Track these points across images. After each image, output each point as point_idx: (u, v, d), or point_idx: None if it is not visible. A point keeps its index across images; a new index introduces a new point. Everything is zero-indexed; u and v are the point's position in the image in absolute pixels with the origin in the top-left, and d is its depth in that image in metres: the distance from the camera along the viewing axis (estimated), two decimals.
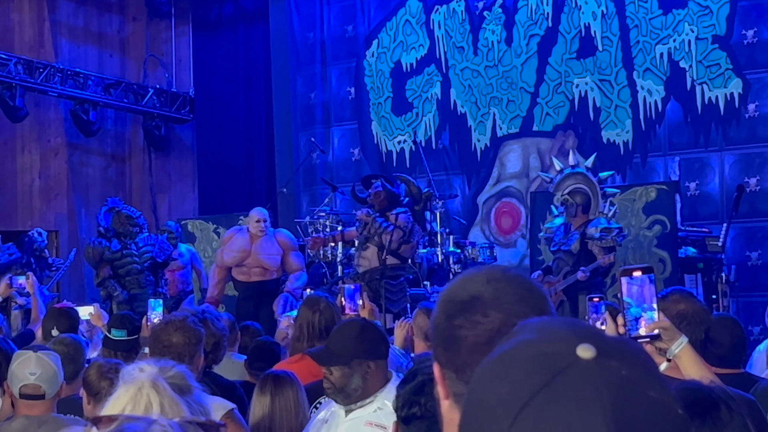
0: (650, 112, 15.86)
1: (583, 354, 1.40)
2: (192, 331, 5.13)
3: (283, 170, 18.77)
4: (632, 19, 16.04)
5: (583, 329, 1.46)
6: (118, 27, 20.83)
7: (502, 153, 17.03)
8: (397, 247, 12.10)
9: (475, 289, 2.04)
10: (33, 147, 19.30)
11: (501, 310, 2.01)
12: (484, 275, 2.08)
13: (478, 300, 2.03)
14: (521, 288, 2.06)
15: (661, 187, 13.37)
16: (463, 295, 2.04)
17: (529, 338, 1.46)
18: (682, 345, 3.75)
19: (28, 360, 5.05)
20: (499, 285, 2.05)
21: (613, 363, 1.40)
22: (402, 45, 18.02)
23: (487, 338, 1.98)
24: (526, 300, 2.04)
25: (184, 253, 14.97)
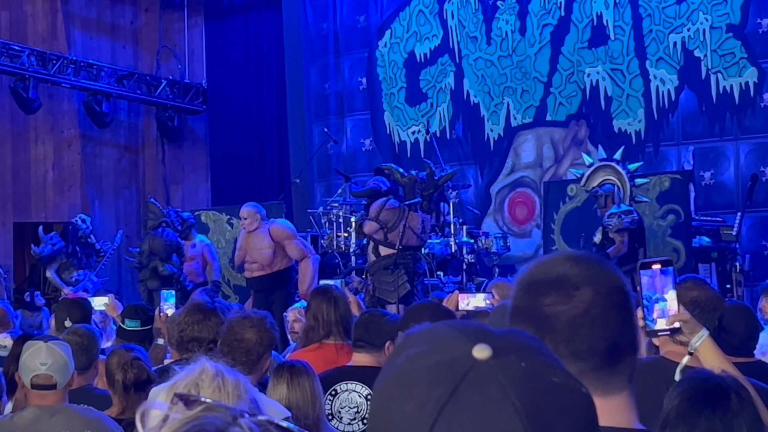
0: (663, 102, 15.81)
1: (479, 355, 1.39)
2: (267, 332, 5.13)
3: (296, 161, 18.77)
4: (645, 8, 15.98)
5: (472, 329, 1.45)
6: (131, 18, 20.83)
7: (516, 143, 17.00)
8: (384, 238, 12.08)
9: (562, 268, 2.12)
10: (46, 138, 19.32)
11: (591, 283, 2.09)
12: (564, 256, 2.17)
13: (566, 277, 2.10)
14: (603, 265, 2.16)
15: (675, 177, 13.32)
16: (548, 275, 2.11)
17: (421, 350, 1.43)
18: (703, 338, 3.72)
19: (38, 350, 5.04)
20: (581, 262, 2.13)
21: (511, 357, 1.40)
22: (415, 35, 18.00)
23: (583, 311, 2.07)
24: (609, 275, 2.13)
25: (196, 244, 14.89)
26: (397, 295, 11.66)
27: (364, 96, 18.48)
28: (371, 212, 12.22)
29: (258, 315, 5.25)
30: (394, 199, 12.26)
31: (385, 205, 12.10)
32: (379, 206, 12.12)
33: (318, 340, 6.50)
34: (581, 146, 16.36)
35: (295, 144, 19.13)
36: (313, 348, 6.50)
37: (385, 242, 12.08)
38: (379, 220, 12.05)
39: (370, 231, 12.14)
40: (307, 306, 6.70)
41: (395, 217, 12.03)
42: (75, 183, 19.49)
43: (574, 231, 13.41)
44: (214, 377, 2.62)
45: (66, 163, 19.43)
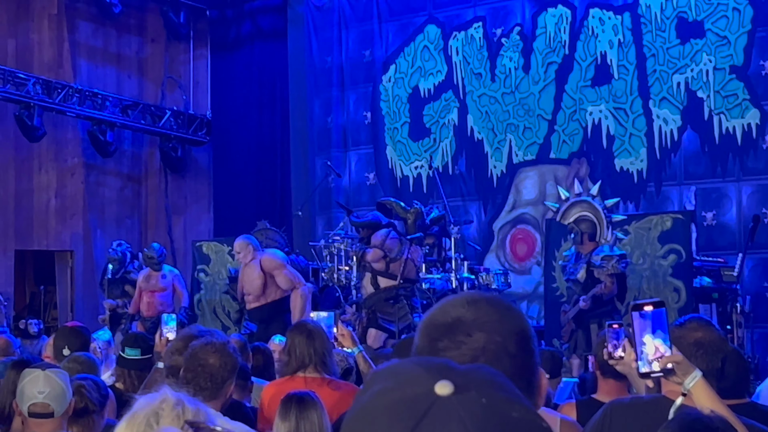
0: (666, 141, 15.85)
1: (441, 391, 1.41)
2: (230, 356, 5.12)
3: (298, 193, 18.79)
4: (649, 48, 16.05)
5: (435, 366, 1.48)
6: (137, 48, 20.91)
7: (518, 180, 17.03)
8: (385, 268, 12.08)
9: (457, 312, 2.05)
10: (50, 167, 19.36)
11: (483, 329, 2.02)
12: (464, 299, 2.09)
13: (460, 321, 2.03)
14: (501, 308, 2.08)
15: (677, 217, 13.33)
16: (445, 319, 2.05)
17: (385, 386, 1.46)
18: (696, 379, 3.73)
19: (36, 378, 5.03)
20: (480, 306, 2.06)
21: (473, 393, 1.42)
22: (420, 70, 18.05)
23: (471, 357, 2.00)
24: (507, 319, 2.06)
25: (166, 275, 15.15)
26: (398, 327, 11.67)
27: (367, 130, 18.51)
28: (374, 241, 12.24)
29: (221, 340, 5.25)
30: (395, 233, 12.28)
31: (389, 236, 12.13)
32: (383, 236, 12.16)
33: (291, 373, 6.54)
34: (582, 184, 16.37)
35: (297, 176, 19.16)
36: (282, 381, 6.56)
37: (386, 273, 12.09)
38: (383, 247, 12.07)
39: (374, 258, 12.14)
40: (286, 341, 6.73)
41: (398, 248, 12.06)
42: (77, 211, 19.52)
43: None
44: (174, 406, 2.62)
45: (69, 192, 19.46)
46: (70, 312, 19.04)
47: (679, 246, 12.94)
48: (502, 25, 17.34)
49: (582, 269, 12.08)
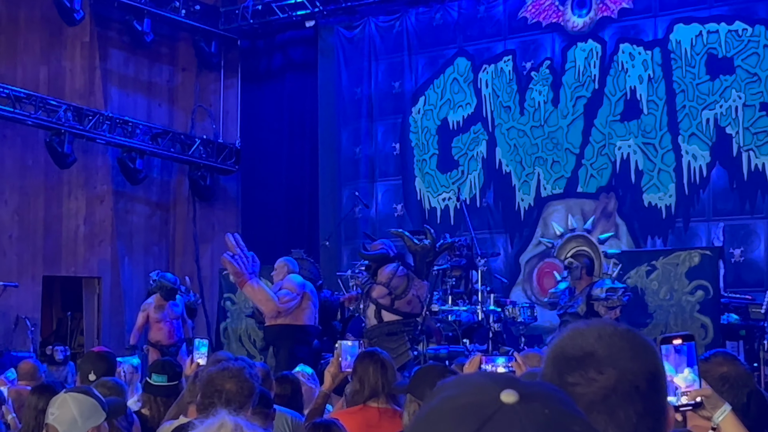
0: (694, 177, 15.82)
1: (506, 399, 1.44)
2: (246, 381, 5.12)
3: (326, 223, 18.82)
4: (679, 84, 16.04)
5: (502, 377, 1.51)
6: (168, 77, 21.03)
7: (545, 213, 17.01)
8: (390, 303, 12.06)
9: (588, 345, 2.04)
10: (79, 193, 19.45)
11: (616, 367, 2.01)
12: (596, 331, 2.07)
13: (592, 357, 2.02)
14: (634, 344, 2.06)
15: (705, 253, 13.28)
16: (575, 351, 2.05)
17: (452, 393, 1.49)
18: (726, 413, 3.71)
19: (56, 400, 5.09)
20: (613, 340, 2.05)
21: (536, 404, 1.45)
22: (449, 103, 18.09)
23: (603, 396, 1.99)
24: (640, 356, 2.04)
25: (178, 303, 15.27)
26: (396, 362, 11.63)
27: (396, 161, 18.55)
28: (382, 277, 12.18)
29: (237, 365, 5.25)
30: (403, 268, 12.24)
31: (397, 272, 12.09)
32: (391, 272, 12.10)
33: (362, 402, 6.52)
34: (610, 219, 16.37)
35: (325, 206, 19.19)
36: (356, 410, 6.52)
37: (390, 308, 12.06)
38: (389, 286, 12.04)
39: (379, 295, 12.12)
40: (354, 368, 6.71)
41: (404, 284, 12.03)
42: (105, 238, 19.60)
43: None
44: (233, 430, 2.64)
45: (97, 219, 19.54)
46: (96, 338, 19.09)
47: (706, 282, 12.89)
48: (531, 59, 17.38)
49: (582, 303, 12.10)
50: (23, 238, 18.95)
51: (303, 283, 13.22)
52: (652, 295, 12.96)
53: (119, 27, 19.79)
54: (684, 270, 13.02)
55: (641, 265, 13.14)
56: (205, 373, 5.24)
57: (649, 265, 13.12)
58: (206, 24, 20.38)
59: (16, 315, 18.11)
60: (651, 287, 13.00)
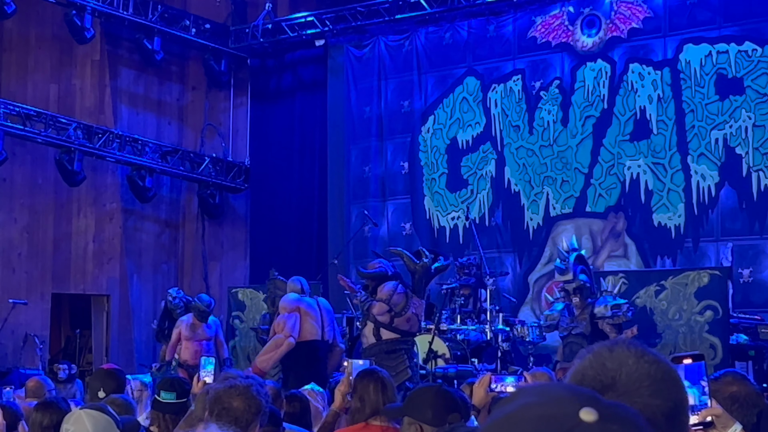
0: (703, 197, 15.81)
1: (586, 417, 1.44)
2: (254, 399, 5.10)
3: (334, 241, 18.83)
4: (688, 104, 16.05)
5: (584, 393, 1.50)
6: (178, 95, 21.08)
7: (554, 233, 17.00)
8: (390, 321, 12.03)
9: (608, 377, 1.99)
10: (89, 211, 19.49)
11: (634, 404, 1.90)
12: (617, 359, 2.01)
13: (610, 390, 1.97)
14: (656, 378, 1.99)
15: (714, 273, 13.26)
16: (595, 384, 1.98)
17: (531, 401, 1.49)
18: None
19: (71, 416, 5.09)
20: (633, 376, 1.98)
21: (614, 427, 1.44)
22: (458, 122, 18.10)
23: None
24: (662, 392, 1.97)
25: (211, 325, 15.23)
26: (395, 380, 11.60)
27: (405, 180, 18.55)
28: (382, 294, 12.15)
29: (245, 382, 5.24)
30: (402, 286, 12.22)
31: (397, 290, 12.07)
32: (391, 289, 12.08)
33: (363, 420, 6.51)
34: (619, 238, 16.36)
35: (333, 225, 19.20)
36: (358, 428, 6.51)
37: (389, 326, 12.03)
38: (390, 303, 12.02)
39: (379, 312, 12.09)
40: (354, 387, 6.69)
41: (404, 302, 12.01)
42: (114, 256, 19.63)
43: None
44: None
45: (107, 236, 19.58)
46: (105, 356, 19.10)
47: (715, 302, 12.87)
48: (541, 78, 17.40)
49: (587, 322, 12.09)
50: (33, 255, 18.99)
51: (297, 299, 13.13)
52: (661, 315, 12.94)
53: (129, 45, 19.86)
54: (693, 290, 12.99)
55: (650, 284, 13.11)
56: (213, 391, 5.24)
57: (658, 285, 13.10)
58: (216, 43, 20.44)
59: (25, 332, 18.14)
60: (660, 307, 12.98)
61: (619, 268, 15.45)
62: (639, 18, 16.63)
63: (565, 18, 17.24)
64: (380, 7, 18.76)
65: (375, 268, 12.49)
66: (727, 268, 14.11)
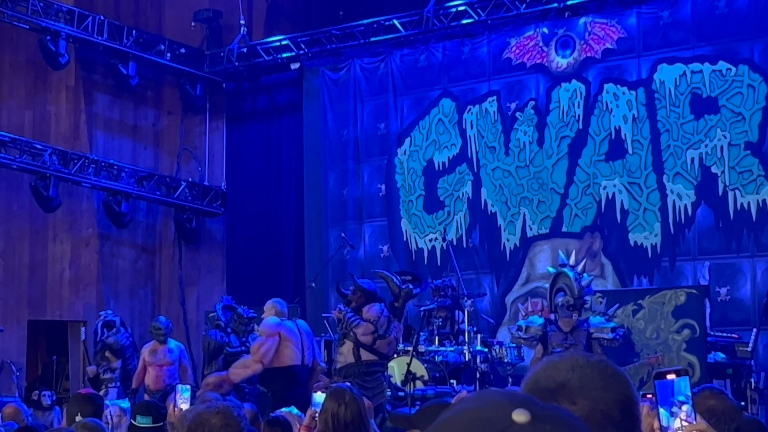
0: (680, 217, 15.85)
1: (518, 418, 1.46)
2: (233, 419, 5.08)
3: (312, 265, 18.80)
4: (663, 124, 16.10)
5: (519, 397, 1.52)
6: (153, 120, 21.04)
7: (531, 253, 17.02)
8: (372, 342, 12.01)
9: (561, 376, 2.05)
10: (64, 237, 19.42)
11: (588, 397, 2.02)
12: (569, 362, 2.09)
13: (564, 387, 2.03)
14: (606, 374, 2.07)
15: (691, 291, 13.31)
16: (549, 383, 2.05)
17: (468, 406, 1.51)
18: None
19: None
20: (585, 371, 2.06)
21: (547, 427, 1.46)
22: (434, 143, 18.11)
23: None
24: (612, 386, 2.06)
25: (173, 349, 15.17)
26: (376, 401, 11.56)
27: (382, 202, 18.54)
28: (369, 315, 12.14)
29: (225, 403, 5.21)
30: (387, 311, 12.22)
31: (383, 314, 12.08)
32: (378, 312, 12.08)
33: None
34: (595, 258, 16.38)
35: (311, 248, 19.17)
36: None
37: (370, 347, 12.01)
38: (377, 324, 12.00)
39: (365, 332, 12.07)
40: (321, 406, 6.66)
41: (386, 326, 12.01)
42: (91, 282, 19.55)
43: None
44: None
45: (83, 262, 19.50)
46: (82, 383, 18.96)
47: (693, 321, 12.91)
48: (516, 99, 17.43)
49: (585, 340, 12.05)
50: (8, 282, 18.91)
51: (278, 324, 13.07)
52: (639, 334, 12.96)
53: (104, 71, 19.81)
54: (670, 309, 13.03)
55: (627, 304, 13.15)
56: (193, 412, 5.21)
57: (636, 304, 13.14)
58: (191, 67, 20.42)
59: (1, 359, 18.04)
60: (637, 326, 13.00)
61: (596, 287, 15.45)
62: (613, 39, 16.69)
63: (539, 39, 17.29)
64: (355, 30, 18.80)
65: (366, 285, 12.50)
66: (705, 286, 14.15)
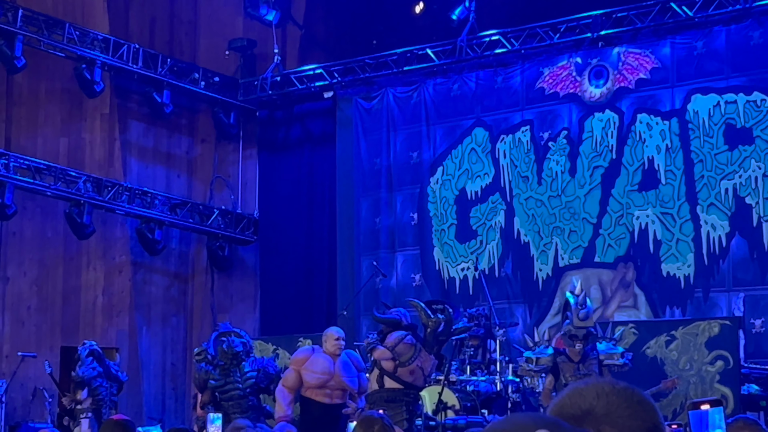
0: (714, 247, 15.77)
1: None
2: None
3: (344, 293, 18.80)
4: (697, 154, 16.04)
5: (543, 419, 1.56)
6: (187, 148, 21.12)
7: (563, 283, 16.95)
8: (393, 369, 11.97)
9: (587, 403, 2.03)
10: (98, 264, 19.50)
11: (615, 425, 2.00)
12: (594, 389, 2.06)
13: (590, 415, 2.01)
14: (632, 402, 2.05)
15: (725, 323, 13.24)
16: (574, 410, 2.02)
17: (496, 427, 1.56)
18: None
19: None
20: (610, 399, 2.04)
21: None
22: (467, 173, 18.10)
23: None
24: (639, 414, 2.04)
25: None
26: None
27: (414, 231, 18.53)
28: (388, 341, 12.14)
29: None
30: (412, 337, 12.18)
31: (404, 339, 12.04)
32: (398, 338, 12.06)
33: None
34: (628, 289, 16.31)
35: (343, 276, 19.17)
36: None
37: (393, 375, 11.99)
38: (394, 351, 11.98)
39: (381, 357, 12.05)
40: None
41: (410, 353, 11.96)
42: (124, 309, 19.61)
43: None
44: None
45: (116, 289, 19.57)
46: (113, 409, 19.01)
47: (726, 352, 12.83)
48: (549, 129, 17.41)
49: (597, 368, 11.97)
50: (42, 309, 19.00)
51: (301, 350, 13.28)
52: (672, 365, 12.89)
53: (139, 98, 19.92)
54: (704, 340, 12.96)
55: (660, 335, 13.08)
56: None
57: (669, 335, 13.07)
58: (225, 95, 20.51)
59: (34, 386, 18.10)
60: (671, 357, 12.93)
61: (629, 318, 15.39)
62: (647, 68, 16.66)
63: (572, 69, 17.29)
64: (388, 59, 18.86)
65: (391, 314, 12.50)
66: (738, 317, 14.08)
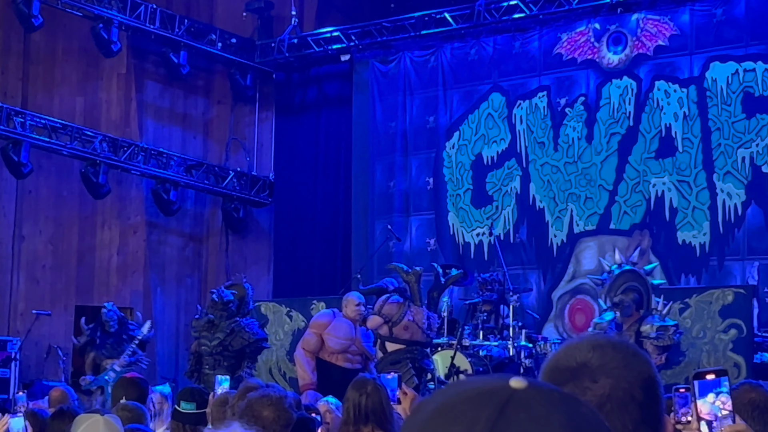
0: (729, 216, 15.73)
1: (516, 385, 1.46)
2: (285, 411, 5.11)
3: (358, 256, 18.80)
4: (714, 122, 15.98)
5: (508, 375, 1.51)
6: (203, 109, 21.11)
7: (578, 249, 16.95)
8: (389, 333, 12.06)
9: (582, 356, 2.05)
10: (113, 224, 19.54)
11: (610, 376, 2.01)
12: (589, 343, 2.08)
13: (585, 366, 2.03)
14: (627, 353, 2.06)
15: (739, 291, 13.21)
16: (569, 363, 2.05)
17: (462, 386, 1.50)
18: None
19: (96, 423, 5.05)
20: (605, 351, 2.05)
21: (545, 388, 1.47)
22: (483, 138, 18.06)
23: (597, 405, 1.97)
24: (634, 365, 2.04)
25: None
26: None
27: (429, 196, 18.52)
28: (375, 308, 12.28)
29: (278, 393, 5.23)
30: (397, 296, 12.28)
31: (388, 301, 12.15)
32: (381, 302, 12.19)
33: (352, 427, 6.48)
34: (644, 256, 16.28)
35: (357, 240, 19.17)
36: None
37: (390, 337, 12.07)
38: (382, 314, 12.07)
39: (374, 325, 12.16)
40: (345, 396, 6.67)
41: (399, 311, 12.05)
42: (138, 269, 19.66)
43: None
44: None
45: (131, 249, 19.62)
46: None
47: (740, 321, 12.82)
48: (566, 95, 17.34)
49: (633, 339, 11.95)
50: (57, 267, 19.06)
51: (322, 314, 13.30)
52: (685, 332, 12.87)
53: (155, 59, 19.91)
54: (717, 308, 12.95)
55: (674, 302, 13.05)
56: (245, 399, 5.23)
57: (683, 302, 13.06)
58: (242, 57, 20.48)
59: (48, 344, 18.17)
60: (684, 325, 12.92)
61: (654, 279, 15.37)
62: (665, 35, 16.58)
63: (591, 35, 17.21)
64: (406, 22, 18.79)
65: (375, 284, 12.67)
66: (753, 286, 14.04)
